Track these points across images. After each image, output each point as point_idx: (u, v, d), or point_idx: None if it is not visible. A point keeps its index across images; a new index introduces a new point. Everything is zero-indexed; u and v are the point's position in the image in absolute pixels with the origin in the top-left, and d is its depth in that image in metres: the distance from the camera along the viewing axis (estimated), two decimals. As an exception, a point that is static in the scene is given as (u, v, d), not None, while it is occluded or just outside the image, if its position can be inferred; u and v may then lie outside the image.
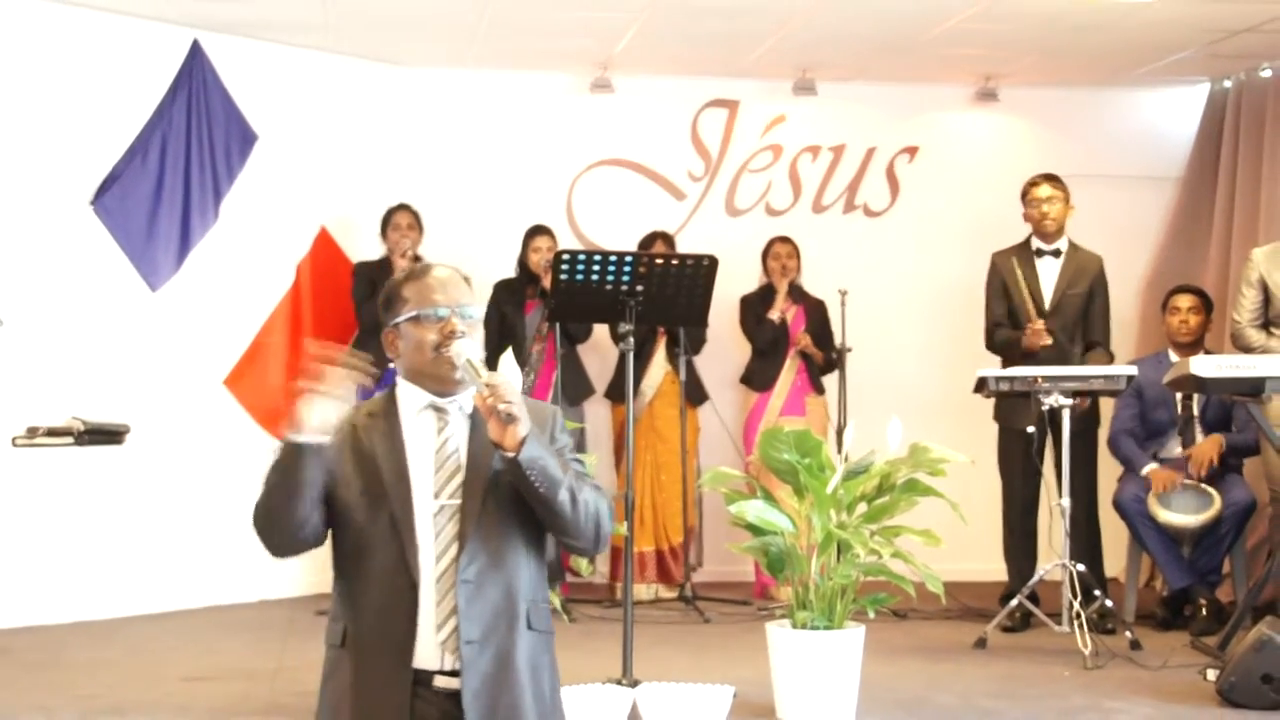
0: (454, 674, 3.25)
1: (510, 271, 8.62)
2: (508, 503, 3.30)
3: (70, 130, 7.94)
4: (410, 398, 3.39)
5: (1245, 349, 7.32)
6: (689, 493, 8.43)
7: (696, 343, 8.64)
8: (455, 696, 3.24)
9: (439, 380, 3.34)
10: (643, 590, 8.47)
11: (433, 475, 3.32)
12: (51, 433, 7.75)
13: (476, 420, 3.35)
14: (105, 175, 8.08)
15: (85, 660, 6.91)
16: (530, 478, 3.22)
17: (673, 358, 8.53)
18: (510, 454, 3.21)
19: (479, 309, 3.42)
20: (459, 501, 3.30)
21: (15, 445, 7.64)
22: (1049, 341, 7.59)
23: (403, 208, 8.58)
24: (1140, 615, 7.76)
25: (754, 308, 8.75)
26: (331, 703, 3.33)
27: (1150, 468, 7.70)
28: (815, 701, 5.59)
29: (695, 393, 8.64)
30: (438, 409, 3.38)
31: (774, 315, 8.62)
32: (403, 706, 3.23)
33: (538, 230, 8.64)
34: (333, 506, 3.31)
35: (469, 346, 3.31)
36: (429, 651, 3.25)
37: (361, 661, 3.28)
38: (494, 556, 3.29)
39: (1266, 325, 7.34)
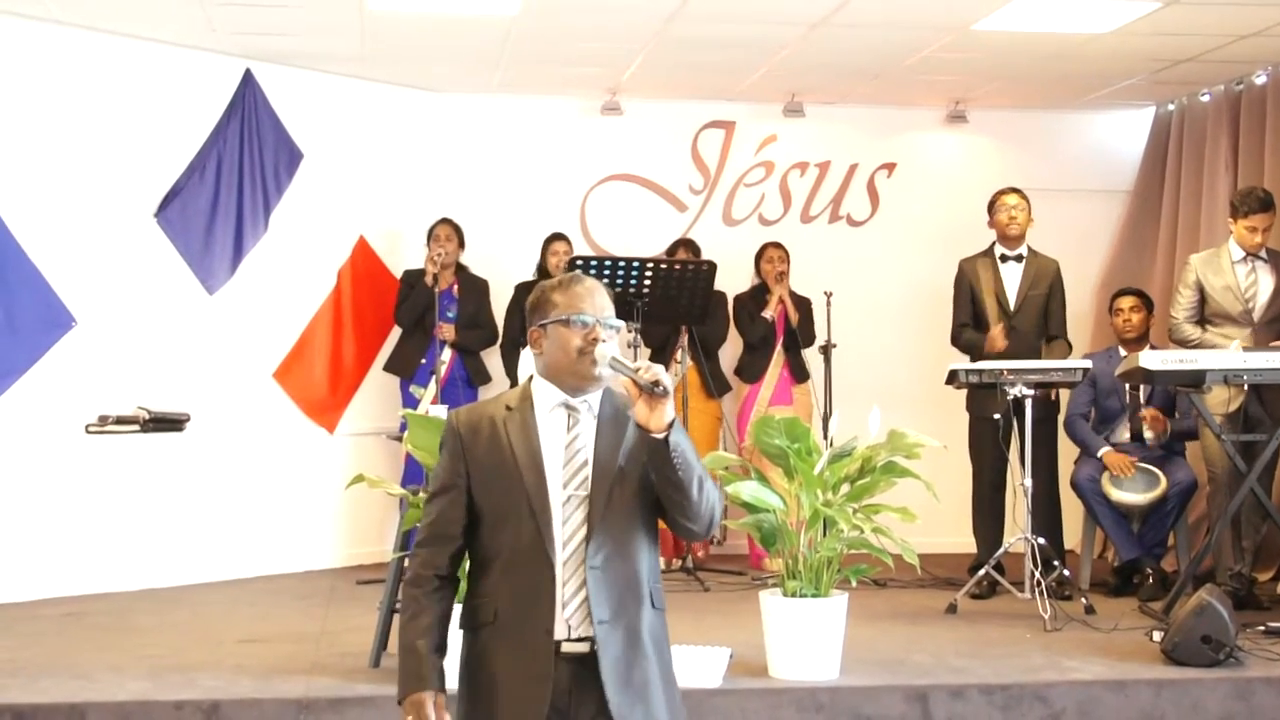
0: (579, 640, 3.21)
1: (530, 274, 8.63)
2: (631, 496, 3.24)
3: (136, 150, 7.97)
4: (545, 395, 3.31)
5: (1181, 342, 7.34)
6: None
7: (716, 340, 8.65)
8: (582, 659, 3.20)
9: (579, 378, 3.26)
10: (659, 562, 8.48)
11: (561, 468, 3.25)
12: (120, 421, 7.78)
13: (603, 420, 3.30)
14: (167, 190, 8.11)
15: (151, 624, 6.94)
16: (674, 460, 3.15)
17: (695, 354, 8.56)
18: (659, 435, 3.13)
19: (618, 320, 3.36)
20: (585, 493, 3.24)
21: (88, 432, 7.68)
22: (1004, 346, 7.59)
23: (444, 221, 8.59)
24: (1094, 583, 7.77)
25: (747, 306, 8.77)
26: (478, 679, 3.27)
27: (1105, 450, 7.72)
28: (804, 661, 5.61)
29: (715, 385, 8.63)
30: (569, 407, 3.30)
31: (767, 314, 8.64)
32: (546, 676, 3.19)
33: (556, 237, 8.68)
34: (470, 499, 3.29)
35: (611, 348, 3.25)
36: (560, 626, 3.21)
37: (508, 637, 3.23)
38: (619, 545, 3.25)
39: (1201, 322, 7.37)
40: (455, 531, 3.30)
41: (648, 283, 6.46)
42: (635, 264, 6.52)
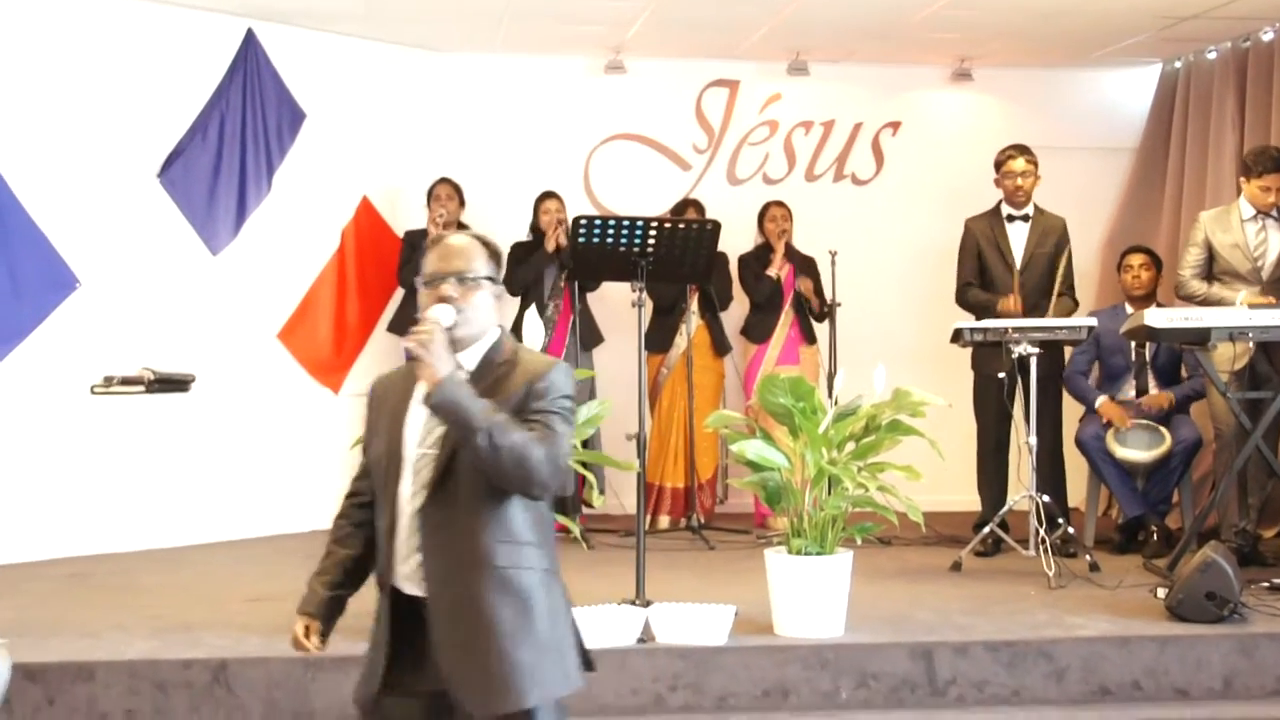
0: (418, 597, 3.32)
1: (525, 233, 8.61)
2: None
3: (138, 111, 7.95)
4: None
5: (1188, 298, 7.35)
6: (697, 435, 8.42)
7: (723, 299, 8.64)
8: (425, 614, 3.32)
9: None
10: (665, 521, 8.51)
11: (422, 425, 3.33)
12: (125, 382, 7.76)
13: (475, 376, 3.35)
14: (170, 151, 8.09)
15: (157, 583, 6.97)
16: (442, 420, 3.23)
17: (705, 314, 8.54)
18: (428, 394, 3.22)
19: (482, 272, 3.38)
20: (435, 451, 3.30)
21: (93, 393, 7.65)
22: (1019, 311, 7.57)
23: (443, 181, 8.58)
24: (1098, 540, 7.79)
25: (751, 265, 8.75)
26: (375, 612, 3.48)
27: (1101, 401, 7.73)
28: (809, 619, 5.63)
29: (721, 344, 8.64)
30: None
31: (772, 272, 8.62)
32: (386, 625, 3.37)
33: (547, 195, 8.61)
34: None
35: (442, 310, 3.30)
36: (402, 579, 3.34)
37: (378, 580, 3.43)
38: (462, 503, 3.27)
39: (1208, 279, 7.35)
40: (363, 487, 3.54)
41: (651, 242, 6.44)
42: (639, 223, 6.49)
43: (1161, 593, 6.08)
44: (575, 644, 3.41)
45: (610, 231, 6.54)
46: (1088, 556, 7.07)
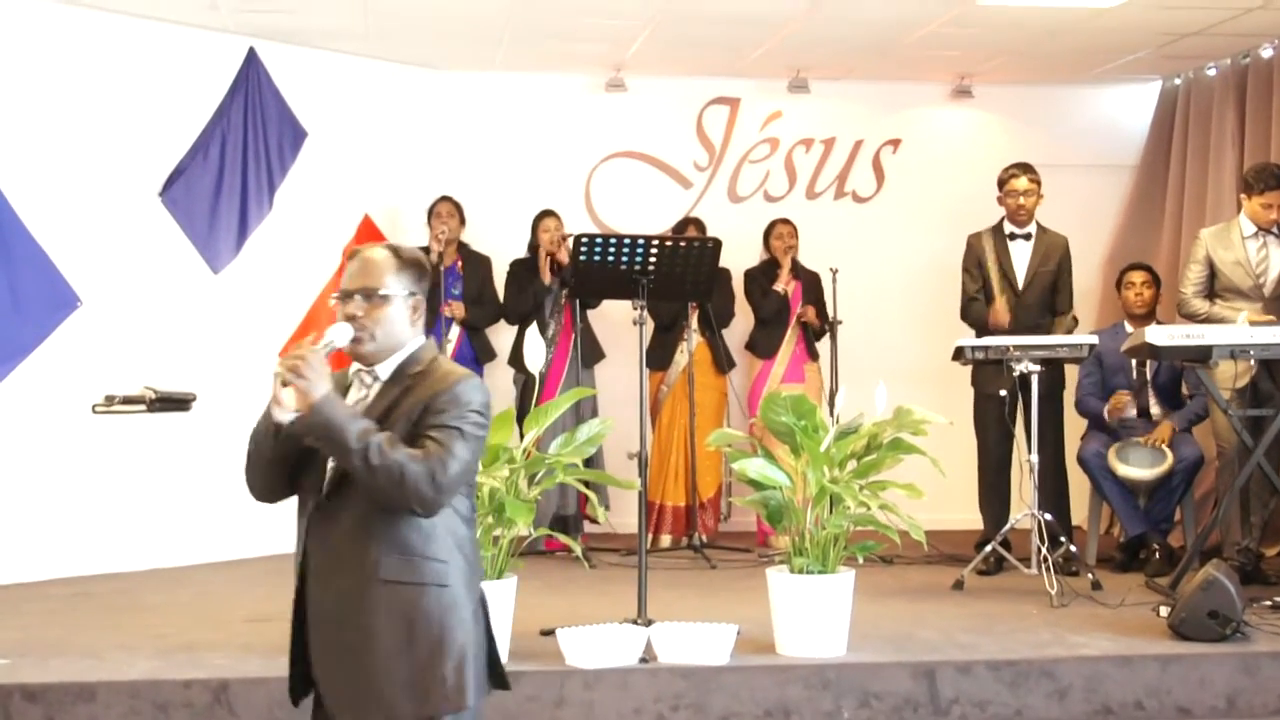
0: None
1: (523, 251, 8.61)
2: None
3: (140, 130, 7.95)
4: (355, 363, 3.44)
5: (1190, 316, 7.35)
6: (697, 453, 8.41)
7: (723, 318, 8.64)
8: None
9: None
10: (666, 539, 8.49)
11: None
12: (126, 400, 7.76)
13: (385, 389, 3.36)
14: (171, 170, 8.09)
15: (159, 603, 6.96)
16: (317, 442, 3.23)
17: (704, 331, 8.55)
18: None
19: (393, 288, 3.38)
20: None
21: (95, 412, 7.66)
22: (1007, 320, 7.57)
23: (444, 199, 8.58)
24: (1100, 559, 7.79)
25: (757, 280, 8.76)
26: None
27: (1108, 406, 7.75)
28: (811, 638, 5.62)
29: (723, 361, 8.64)
30: (361, 376, 3.41)
31: (779, 288, 8.62)
32: (297, 611, 3.42)
33: (545, 213, 8.60)
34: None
35: (339, 329, 3.33)
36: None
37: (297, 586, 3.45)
38: (355, 513, 3.27)
39: (1211, 296, 7.35)
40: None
41: (652, 260, 6.46)
42: (640, 241, 6.51)
43: (1164, 611, 6.07)
44: (476, 663, 3.33)
45: (611, 250, 6.55)
46: (1090, 575, 7.06)
